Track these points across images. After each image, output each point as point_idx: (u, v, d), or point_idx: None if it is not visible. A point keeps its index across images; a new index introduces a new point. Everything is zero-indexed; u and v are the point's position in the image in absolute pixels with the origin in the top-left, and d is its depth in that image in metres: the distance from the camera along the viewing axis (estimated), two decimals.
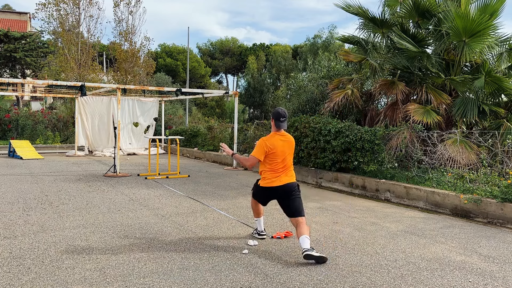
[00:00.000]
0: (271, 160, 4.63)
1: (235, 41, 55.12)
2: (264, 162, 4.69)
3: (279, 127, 4.65)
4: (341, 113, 10.75)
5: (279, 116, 4.63)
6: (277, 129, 4.67)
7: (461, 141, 7.63)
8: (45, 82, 11.62)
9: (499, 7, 9.07)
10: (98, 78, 21.86)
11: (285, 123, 4.67)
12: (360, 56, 10.67)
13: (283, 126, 4.67)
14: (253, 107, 36.06)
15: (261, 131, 12.22)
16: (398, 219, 6.15)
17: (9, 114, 17.90)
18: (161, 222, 5.59)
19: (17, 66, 30.08)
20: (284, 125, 4.67)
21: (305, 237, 4.21)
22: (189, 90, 13.62)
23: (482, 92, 8.65)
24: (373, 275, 3.83)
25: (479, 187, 6.57)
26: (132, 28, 22.00)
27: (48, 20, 21.64)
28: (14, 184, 8.47)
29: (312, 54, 26.07)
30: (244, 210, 6.45)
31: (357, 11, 10.35)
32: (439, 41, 9.25)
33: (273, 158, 4.62)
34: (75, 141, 15.93)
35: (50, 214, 5.91)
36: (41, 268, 3.82)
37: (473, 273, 3.97)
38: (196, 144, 16.45)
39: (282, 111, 4.66)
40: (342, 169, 8.98)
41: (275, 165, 4.63)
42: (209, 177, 10.16)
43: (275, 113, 4.67)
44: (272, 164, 4.64)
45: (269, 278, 3.72)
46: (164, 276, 3.71)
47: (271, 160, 4.63)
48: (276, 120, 4.65)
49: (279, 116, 4.63)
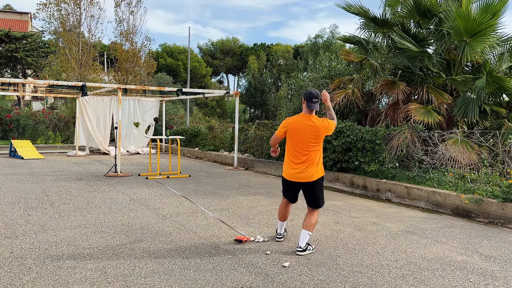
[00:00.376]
0: (290, 143, 4.44)
1: (236, 41, 55.17)
2: (286, 146, 4.51)
3: (311, 108, 4.35)
4: (342, 113, 10.75)
5: (311, 97, 4.34)
6: (308, 110, 4.38)
7: (462, 141, 7.62)
8: (46, 82, 11.64)
9: (501, 7, 9.06)
10: (99, 78, 21.86)
11: (317, 105, 4.36)
12: (361, 56, 10.67)
13: (314, 107, 4.35)
14: (254, 107, 36.08)
15: (262, 131, 12.22)
16: (399, 219, 6.14)
17: (10, 114, 17.92)
18: (162, 222, 5.59)
19: (18, 66, 30.13)
20: (316, 106, 4.35)
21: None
22: (190, 90, 13.62)
23: (483, 92, 8.64)
24: (374, 275, 3.83)
25: (480, 187, 6.57)
26: (133, 28, 22.02)
27: (49, 20, 21.69)
28: (15, 184, 8.48)
29: (313, 54, 26.05)
30: (245, 210, 6.45)
31: (358, 11, 10.35)
32: (440, 41, 9.24)
33: (291, 141, 4.41)
34: (76, 141, 15.95)
35: (51, 214, 5.91)
36: (42, 268, 3.83)
37: (474, 273, 3.96)
38: (197, 144, 16.46)
39: (315, 92, 4.37)
40: (343, 169, 8.98)
41: (293, 153, 4.41)
42: (210, 177, 10.16)
43: (307, 93, 4.39)
44: (289, 149, 4.45)
45: (270, 278, 3.72)
46: (165, 276, 3.71)
47: (290, 143, 4.44)
48: (307, 101, 4.36)
49: (311, 97, 4.34)
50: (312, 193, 4.46)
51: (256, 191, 8.27)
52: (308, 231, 4.36)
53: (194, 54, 48.91)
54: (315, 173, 4.40)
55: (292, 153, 4.44)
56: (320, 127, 4.37)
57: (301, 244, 4.32)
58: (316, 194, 4.46)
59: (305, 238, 4.33)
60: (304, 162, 4.38)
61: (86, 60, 21.27)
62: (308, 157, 4.38)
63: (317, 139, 4.38)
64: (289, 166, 4.48)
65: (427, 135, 8.00)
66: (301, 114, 4.44)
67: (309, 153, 4.37)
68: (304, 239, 4.33)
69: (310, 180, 4.40)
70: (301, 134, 4.35)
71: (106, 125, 16.15)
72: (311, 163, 4.38)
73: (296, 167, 4.42)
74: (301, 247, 4.32)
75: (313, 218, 4.44)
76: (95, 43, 22.56)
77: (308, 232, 4.35)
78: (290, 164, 4.48)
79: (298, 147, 4.38)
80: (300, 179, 4.43)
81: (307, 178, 4.40)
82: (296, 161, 4.42)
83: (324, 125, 4.40)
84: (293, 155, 4.43)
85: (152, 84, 24.92)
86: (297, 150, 4.40)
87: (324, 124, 4.40)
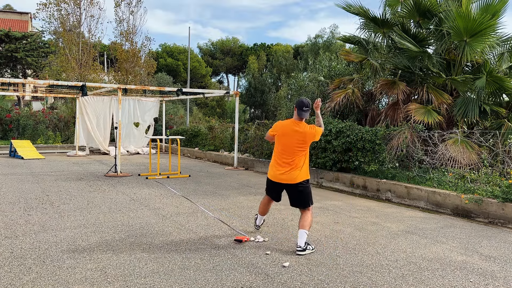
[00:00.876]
0: (277, 146, 4.67)
1: (236, 41, 55.18)
2: (274, 148, 4.73)
3: (300, 116, 4.59)
4: (342, 113, 10.75)
5: (301, 105, 4.57)
6: (298, 117, 4.61)
7: (462, 141, 7.62)
8: (46, 82, 11.64)
9: (501, 7, 9.06)
10: (99, 78, 21.86)
11: (307, 114, 4.58)
12: (361, 56, 10.67)
13: (304, 115, 4.59)
14: (254, 107, 36.12)
15: (262, 131, 12.22)
16: (399, 219, 6.14)
17: (10, 114, 17.92)
18: (162, 222, 5.59)
19: (18, 66, 30.14)
20: (306, 115, 4.59)
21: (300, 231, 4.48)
22: (190, 90, 13.62)
23: (483, 92, 8.64)
24: (374, 275, 3.83)
25: (480, 187, 6.57)
26: (133, 28, 22.01)
27: (49, 20, 21.67)
28: (15, 184, 8.48)
29: (313, 54, 26.07)
30: (245, 210, 6.45)
31: (358, 11, 10.35)
32: (440, 41, 9.24)
33: (279, 144, 4.65)
34: (76, 141, 15.95)
35: (51, 214, 5.91)
36: (42, 268, 3.83)
37: (474, 273, 3.96)
38: (197, 144, 16.46)
39: (306, 101, 4.58)
40: (343, 169, 8.98)
41: (279, 155, 4.65)
42: (210, 177, 10.16)
43: (299, 102, 4.61)
44: (277, 151, 4.68)
45: (270, 278, 3.72)
46: (165, 276, 3.71)
47: (277, 146, 4.67)
48: (298, 109, 4.59)
49: (302, 105, 4.56)
50: (295, 194, 4.65)
51: (256, 191, 8.27)
52: (304, 230, 4.44)
53: (194, 54, 48.92)
54: (298, 175, 4.58)
55: (278, 155, 4.66)
56: (307, 133, 4.58)
57: (300, 243, 4.37)
58: (299, 195, 4.62)
59: (302, 237, 4.39)
60: (289, 164, 4.59)
61: (86, 60, 21.26)
62: (293, 160, 4.58)
63: (303, 144, 4.59)
64: (274, 167, 4.69)
65: (427, 135, 8.00)
66: (291, 119, 4.68)
67: (294, 157, 4.58)
68: (302, 238, 4.39)
69: (293, 182, 4.59)
70: (288, 138, 4.58)
71: (106, 125, 16.15)
72: (295, 166, 4.58)
73: (280, 168, 4.63)
74: (300, 247, 4.36)
75: (307, 218, 4.55)
76: (95, 43, 22.56)
77: (304, 231, 4.42)
78: (275, 165, 4.69)
79: (284, 150, 4.61)
80: (283, 181, 4.63)
81: (290, 180, 4.60)
82: (281, 163, 4.64)
83: (311, 132, 4.60)
84: (279, 157, 4.66)
85: (152, 84, 24.91)
86: (283, 153, 4.62)
87: (312, 131, 4.61)
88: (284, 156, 4.61)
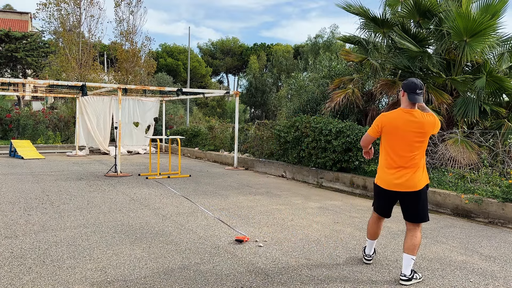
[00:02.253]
0: (387, 144, 3.72)
1: (236, 41, 55.22)
2: (381, 147, 3.79)
3: (413, 100, 3.60)
4: (342, 113, 10.75)
5: (415, 87, 3.60)
6: (409, 103, 3.64)
7: (462, 141, 7.62)
8: (46, 82, 11.64)
9: (501, 7, 9.05)
10: (99, 78, 21.87)
11: (421, 97, 3.61)
12: (361, 56, 10.67)
13: (418, 99, 3.59)
14: (254, 107, 36.15)
15: (262, 131, 12.22)
16: (399, 219, 6.13)
17: (10, 114, 17.92)
18: (162, 222, 5.59)
19: (18, 66, 30.14)
20: (420, 99, 3.60)
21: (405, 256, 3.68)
22: (190, 90, 13.63)
23: (483, 92, 8.64)
24: (374, 275, 3.83)
25: (480, 187, 6.57)
26: (133, 28, 22.02)
27: (49, 20, 21.68)
28: (15, 184, 8.49)
29: (313, 54, 26.08)
30: (245, 210, 6.45)
31: (358, 11, 10.34)
32: (440, 41, 9.24)
33: (388, 141, 3.69)
34: (76, 141, 15.95)
35: (51, 214, 5.91)
36: (42, 268, 3.83)
37: (474, 273, 3.96)
38: (197, 144, 16.46)
39: (418, 81, 3.62)
40: (343, 169, 8.98)
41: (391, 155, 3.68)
42: (210, 177, 10.16)
43: (408, 83, 3.64)
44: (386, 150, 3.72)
45: (270, 278, 3.72)
46: (165, 276, 3.71)
47: (387, 144, 3.72)
48: (409, 92, 3.61)
49: (415, 87, 3.60)
50: (416, 205, 3.67)
51: (256, 191, 8.28)
52: (411, 256, 3.63)
53: (194, 54, 48.95)
54: (420, 180, 3.64)
55: (390, 156, 3.70)
56: (425, 122, 3.60)
57: (405, 271, 3.61)
58: (420, 206, 3.67)
59: (408, 264, 3.62)
60: (407, 167, 3.64)
61: (86, 60, 21.27)
62: (412, 160, 3.62)
63: (422, 137, 3.62)
64: (386, 171, 3.74)
65: None
66: (399, 108, 3.71)
67: (412, 155, 3.62)
68: (408, 265, 3.62)
69: (414, 189, 3.63)
70: (402, 132, 3.61)
71: (106, 125, 16.15)
72: (415, 167, 3.63)
73: (396, 172, 3.67)
74: (405, 275, 3.60)
75: (415, 238, 3.67)
76: (95, 43, 22.56)
77: (411, 257, 3.62)
78: (387, 168, 3.73)
79: (398, 148, 3.65)
80: (401, 188, 3.67)
81: (410, 187, 3.64)
82: (395, 165, 3.68)
83: (429, 121, 3.62)
84: (391, 158, 3.69)
85: (152, 84, 24.92)
86: (396, 151, 3.66)
87: (430, 120, 3.63)
88: (399, 157, 3.64)
